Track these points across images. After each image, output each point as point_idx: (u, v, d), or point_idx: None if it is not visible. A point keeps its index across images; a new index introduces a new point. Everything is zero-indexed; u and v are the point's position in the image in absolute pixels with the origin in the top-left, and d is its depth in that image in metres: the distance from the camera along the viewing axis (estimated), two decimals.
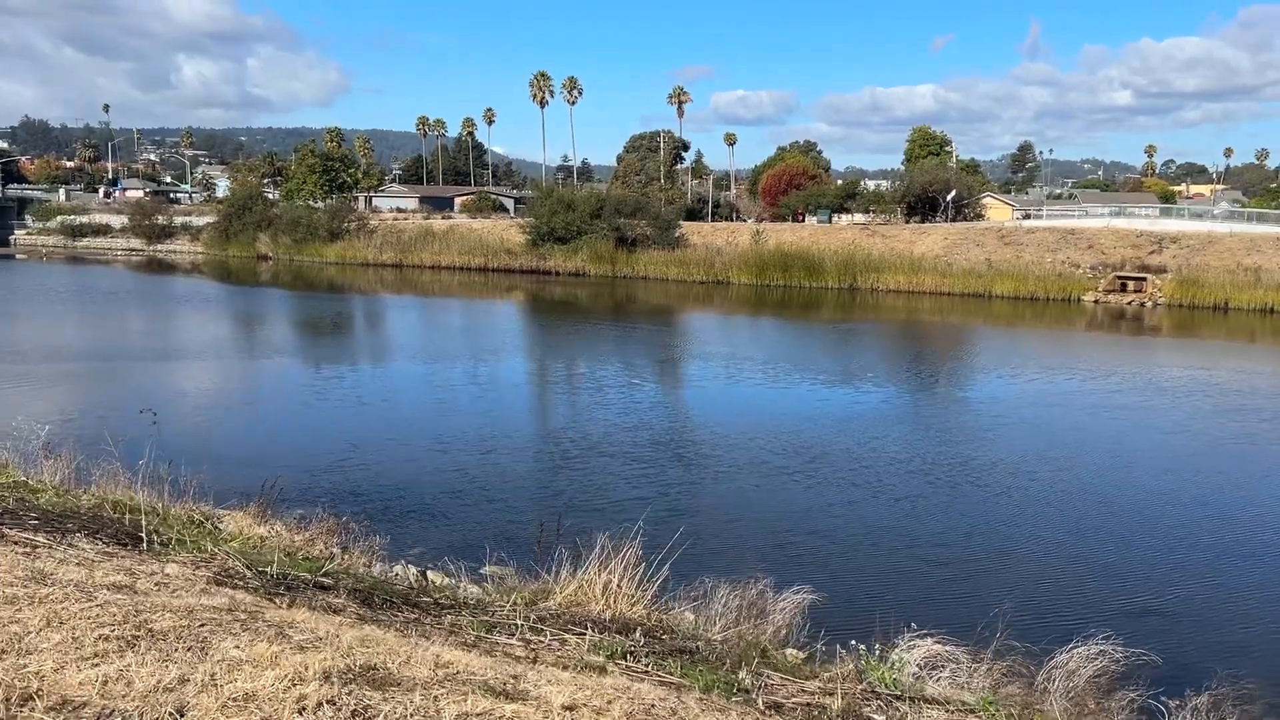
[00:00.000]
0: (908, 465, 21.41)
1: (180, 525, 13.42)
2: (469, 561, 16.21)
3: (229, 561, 9.11)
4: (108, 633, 4.06)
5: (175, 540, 9.83)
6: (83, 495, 15.51)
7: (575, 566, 11.32)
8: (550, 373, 35.08)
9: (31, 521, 10.81)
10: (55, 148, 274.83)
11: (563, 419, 26.37)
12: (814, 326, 57.31)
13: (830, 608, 11.46)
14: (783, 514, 17.40)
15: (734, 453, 22.06)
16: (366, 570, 11.52)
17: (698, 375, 34.63)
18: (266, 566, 9.11)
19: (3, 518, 10.51)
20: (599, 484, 19.33)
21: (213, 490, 16.41)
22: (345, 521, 14.67)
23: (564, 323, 54.28)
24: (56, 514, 11.72)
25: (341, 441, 23.68)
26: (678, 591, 11.06)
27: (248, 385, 32.78)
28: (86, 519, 11.71)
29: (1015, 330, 56.58)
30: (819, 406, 29.13)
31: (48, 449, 17.11)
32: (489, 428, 24.93)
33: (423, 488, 19.36)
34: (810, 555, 14.77)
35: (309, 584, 9.20)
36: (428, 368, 36.46)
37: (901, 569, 14.65)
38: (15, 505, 11.46)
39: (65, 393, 29.62)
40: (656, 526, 16.89)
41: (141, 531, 10.87)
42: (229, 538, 12.96)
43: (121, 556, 8.51)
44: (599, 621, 9.46)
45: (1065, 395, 31.76)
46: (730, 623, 10.57)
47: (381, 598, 9.21)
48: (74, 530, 10.10)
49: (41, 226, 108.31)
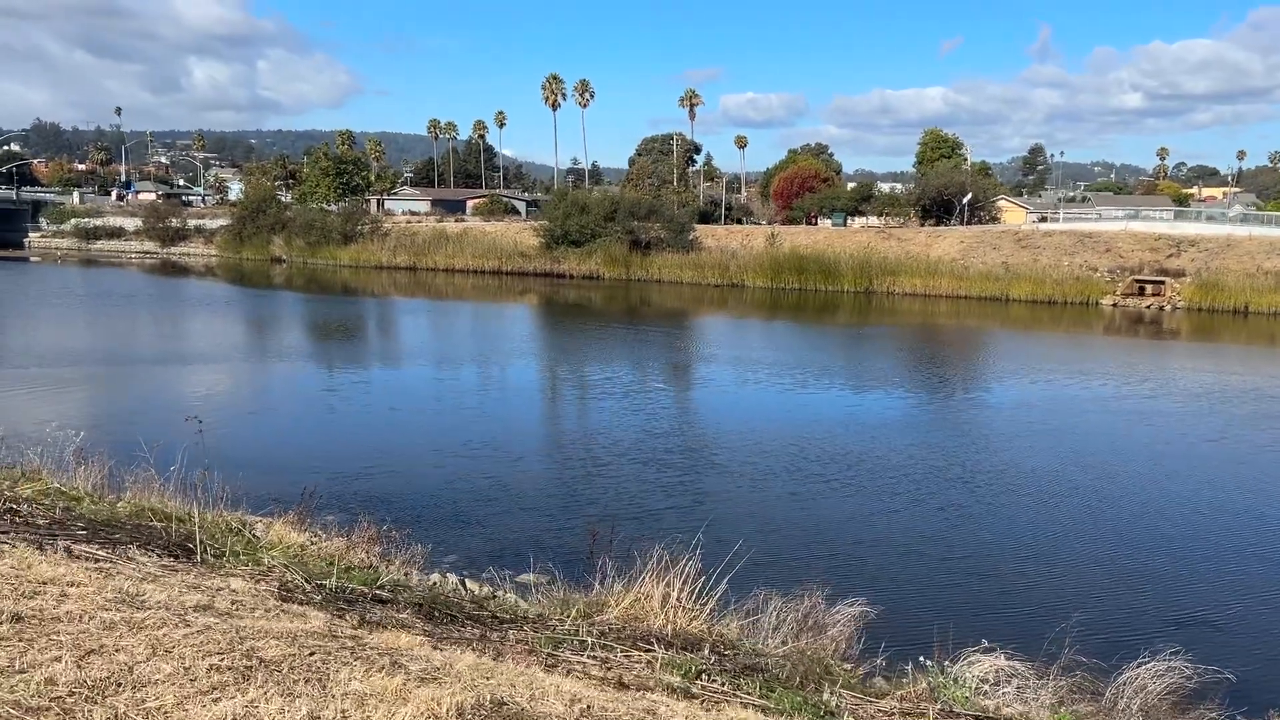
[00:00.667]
0: (945, 472, 21.18)
1: (218, 533, 13.29)
2: (508, 570, 16.06)
3: (287, 575, 8.96)
4: (218, 663, 3.90)
5: (229, 552, 9.66)
6: (119, 503, 15.40)
7: (623, 577, 11.17)
8: (573, 377, 34.87)
9: (79, 532, 10.67)
10: (66, 150, 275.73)
11: (590, 424, 26.17)
12: (834, 330, 57.05)
13: (882, 620, 11.25)
14: (823, 523, 17.20)
15: (767, 459, 21.83)
16: (419, 582, 11.36)
17: (723, 380, 34.36)
18: (325, 580, 8.96)
19: (51, 528, 10.38)
20: (633, 492, 19.14)
21: (243, 496, 16.29)
22: (386, 529, 14.51)
23: (582, 326, 54.11)
24: (102, 523, 11.58)
25: (368, 447, 23.55)
26: (728, 603, 10.86)
27: (272, 389, 32.69)
28: (131, 529, 11.57)
29: (1036, 334, 56.25)
30: (849, 412, 28.91)
31: (80, 455, 17.01)
32: (515, 433, 24.79)
33: (454, 494, 19.19)
34: (856, 566, 14.58)
35: (367, 597, 9.04)
36: (449, 372, 36.33)
37: (950, 580, 14.43)
38: (62, 515, 11.33)
39: (92, 397, 29.57)
40: (698, 536, 16.71)
41: (191, 542, 10.73)
42: (269, 546, 12.81)
43: (181, 570, 8.35)
44: (661, 637, 9.28)
45: (1099, 400, 31.45)
46: (788, 637, 10.39)
47: (441, 612, 9.04)
48: (125, 542, 9.96)
49: (55, 229, 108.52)
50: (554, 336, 50.44)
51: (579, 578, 14.56)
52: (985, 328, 58.84)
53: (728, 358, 40.30)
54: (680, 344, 46.68)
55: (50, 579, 5.32)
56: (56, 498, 14.66)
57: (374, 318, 59.41)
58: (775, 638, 10.25)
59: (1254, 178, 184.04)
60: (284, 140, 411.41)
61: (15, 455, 18.02)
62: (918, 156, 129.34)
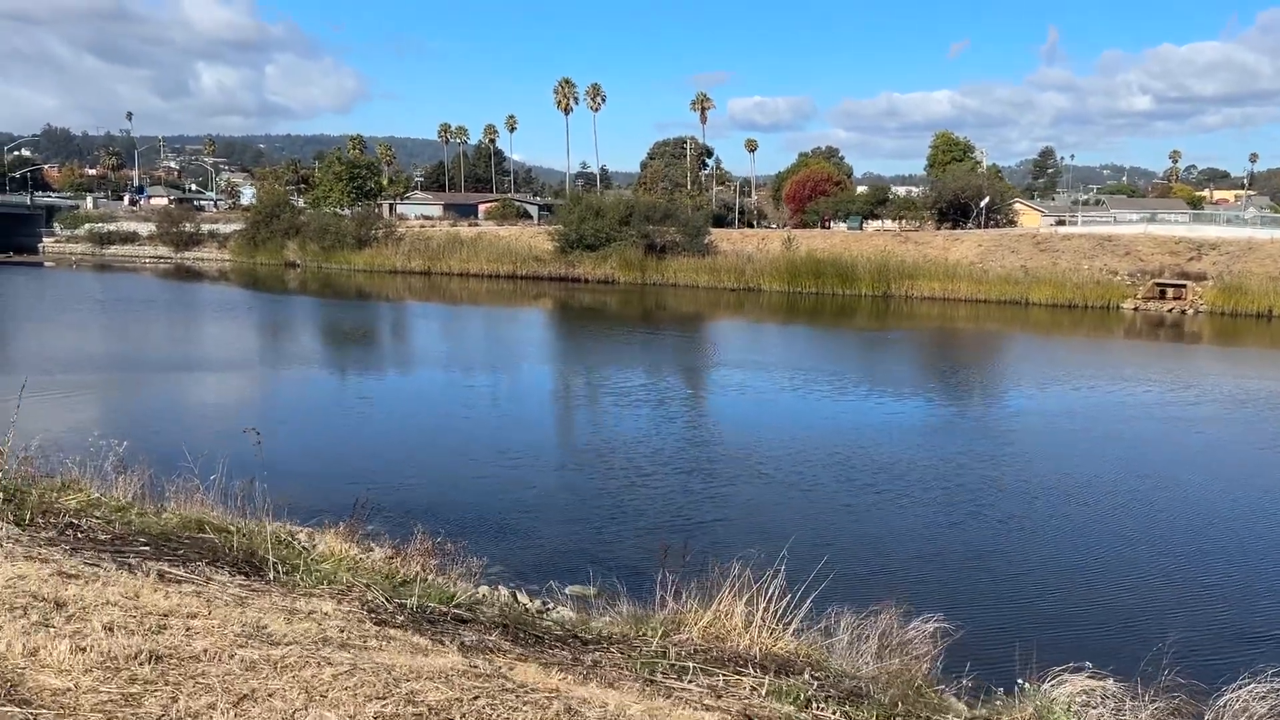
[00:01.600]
0: (999, 482, 20.79)
1: (272, 546, 13.00)
2: (559, 582, 15.78)
3: (368, 594, 8.68)
4: (383, 710, 3.61)
5: (300, 570, 9.38)
6: (163, 513, 15.14)
7: (692, 593, 10.88)
8: (604, 383, 34.48)
9: (142, 547, 10.40)
10: (76, 156, 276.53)
11: (627, 432, 25.78)
12: (859, 335, 56.62)
13: (959, 638, 10.90)
14: (883, 536, 16.86)
15: (814, 469, 21.50)
16: (486, 597, 11.08)
17: (759, 386, 33.91)
18: (405, 599, 8.68)
19: (115, 544, 10.12)
20: (680, 503, 18.82)
21: (284, 506, 16.03)
22: (440, 541, 14.22)
23: (604, 330, 53.82)
24: (159, 537, 11.32)
25: (403, 455, 23.31)
26: (801, 619, 10.53)
27: (301, 397, 32.44)
28: (190, 543, 11.32)
29: (1061, 338, 55.89)
30: (889, 418, 28.55)
31: (121, 464, 16.76)
32: (552, 440, 24.54)
33: (497, 504, 18.91)
34: (922, 580, 14.25)
35: (448, 617, 8.76)
36: (477, 378, 36.11)
37: (1021, 595, 14.11)
38: (121, 529, 11.07)
39: (121, 404, 29.38)
40: (756, 549, 16.41)
41: (254, 558, 10.46)
42: (325, 559, 12.56)
43: (262, 590, 8.07)
44: (750, 658, 8.99)
45: (1143, 407, 31.03)
46: (870, 657, 10.09)
47: (526, 633, 8.76)
48: (194, 558, 9.69)
49: (70, 234, 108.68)
50: (578, 341, 50.17)
51: (638, 593, 14.28)
52: (1008, 332, 58.46)
53: (757, 363, 39.95)
54: (705, 349, 46.38)
55: (167, 610, 5.05)
56: (107, 510, 14.42)
57: (395, 323, 59.29)
58: (858, 658, 9.95)
59: (1267, 180, 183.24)
60: (292, 145, 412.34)
61: (52, 463, 17.84)
62: (929, 160, 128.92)
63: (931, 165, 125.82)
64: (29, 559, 6.22)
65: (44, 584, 5.23)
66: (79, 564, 6.62)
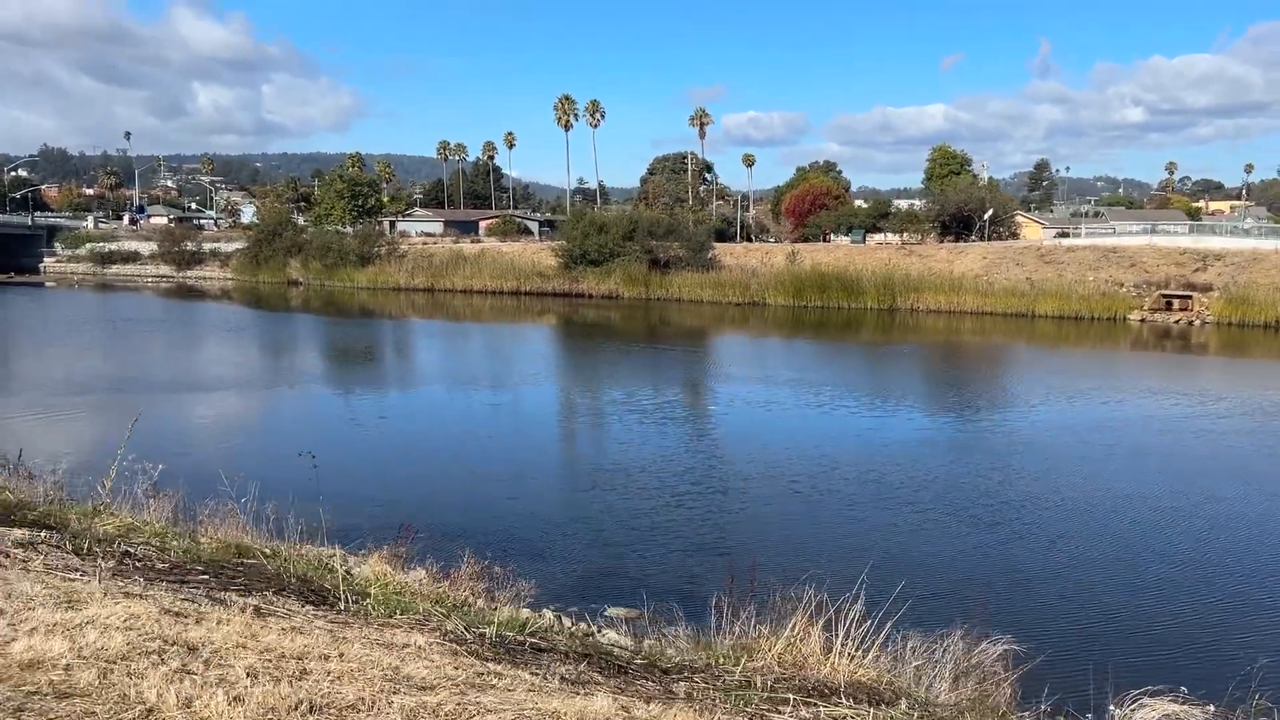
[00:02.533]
0: (1043, 500, 20.47)
1: (311, 570, 12.79)
2: (606, 605, 15.55)
3: (445, 624, 8.47)
4: None
5: (373, 598, 9.15)
6: (200, 539, 14.92)
7: (753, 617, 10.69)
8: (622, 400, 34.10)
9: (200, 575, 10.19)
10: (74, 176, 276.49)
11: (653, 450, 25.45)
12: (871, 348, 56.38)
13: (1031, 661, 10.66)
14: (933, 554, 16.59)
15: (850, 485, 21.25)
16: (552, 624, 10.86)
17: (781, 401, 33.55)
18: (483, 629, 8.47)
19: (174, 573, 9.90)
20: (719, 522, 18.54)
21: (317, 529, 15.81)
22: (488, 565, 14.00)
23: (614, 347, 53.56)
24: (214, 564, 11.10)
25: (432, 475, 23.09)
26: (875, 644, 10.30)
27: (318, 416, 32.20)
28: (248, 571, 11.11)
29: (1072, 351, 55.71)
30: (918, 434, 28.32)
31: (154, 488, 16.53)
32: (579, 459, 24.28)
33: (529, 524, 18.66)
34: (979, 600, 13.93)
35: (525, 646, 8.55)
36: (495, 396, 35.87)
37: (1085, 615, 13.84)
38: (179, 558, 10.85)
39: (141, 424, 29.08)
40: (806, 570, 16.18)
41: (310, 585, 10.25)
42: (367, 584, 12.34)
43: (343, 622, 7.85)
44: (836, 687, 8.78)
45: (1173, 420, 30.77)
46: (948, 682, 9.88)
47: (608, 662, 8.54)
48: (261, 587, 9.48)
49: (71, 254, 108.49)
50: (590, 358, 49.82)
51: (685, 615, 14.06)
52: (1018, 344, 58.31)
53: (775, 378, 39.68)
54: (720, 364, 46.13)
55: (298, 652, 4.85)
56: (147, 535, 14.20)
57: (405, 341, 59.01)
58: (934, 684, 9.74)
59: (1264, 191, 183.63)
60: (289, 163, 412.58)
61: (78, 484, 17.60)
62: (926, 173, 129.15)
63: (930, 178, 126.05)
64: (128, 595, 6.00)
65: (161, 623, 5.02)
66: (179, 601, 6.40)
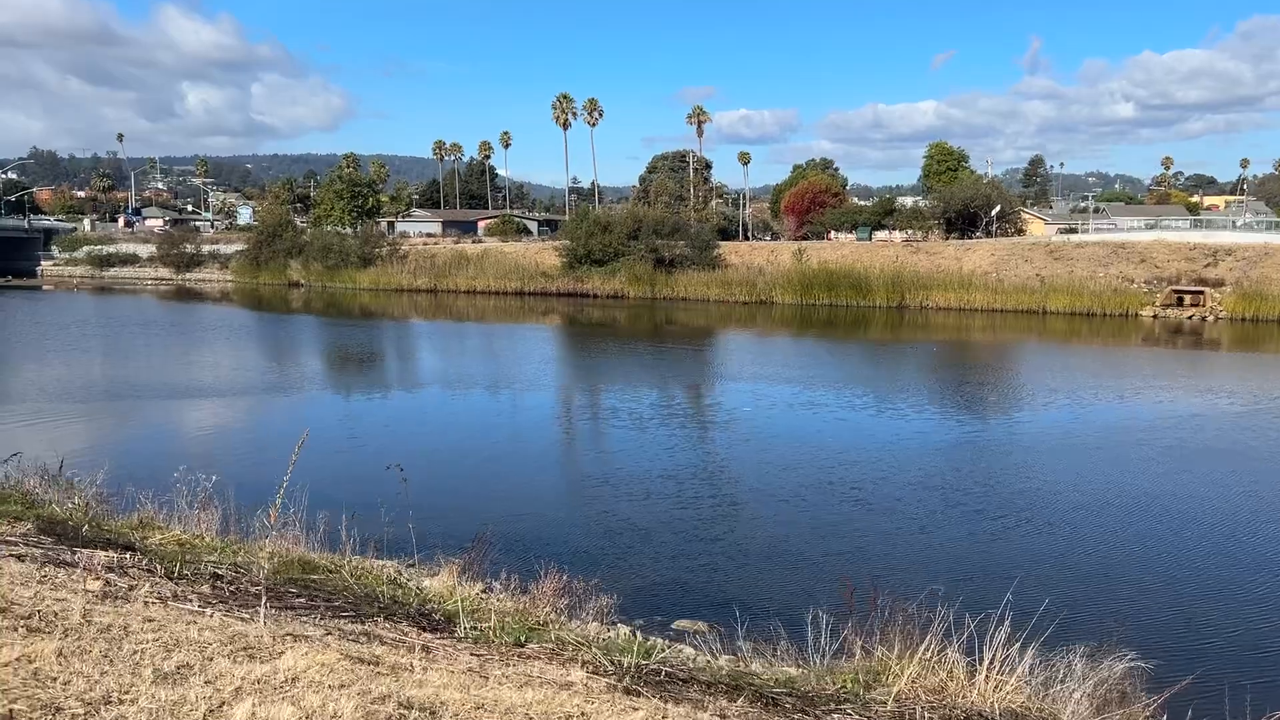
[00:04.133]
0: (1117, 505, 19.95)
1: (381, 585, 12.25)
2: (665, 616, 15.01)
3: (581, 652, 7.93)
4: None
5: (494, 624, 8.61)
6: (260, 553, 14.37)
7: (871, 636, 10.18)
8: (654, 404, 33.19)
9: (296, 599, 9.65)
10: (64, 178, 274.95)
11: (699, 456, 24.67)
12: (893, 348, 55.78)
13: (1162, 679, 10.13)
14: (1021, 566, 15.83)
15: (913, 493, 20.57)
16: (683, 654, 10.31)
17: (824, 403, 32.75)
18: (622, 656, 7.94)
19: (273, 596, 9.33)
20: (780, 534, 17.89)
21: (370, 541, 15.22)
22: (567, 581, 13.42)
23: (628, 348, 52.86)
24: (303, 586, 10.56)
25: (473, 482, 22.54)
26: (1007, 666, 9.75)
27: (352, 422, 31.54)
28: (331, 590, 10.56)
29: (1090, 347, 55.32)
30: (967, 437, 27.77)
31: (209, 499, 15.94)
32: (625, 465, 23.53)
33: (594, 534, 18.11)
34: (1089, 613, 13.43)
35: (661, 676, 8.01)
36: (525, 400, 35.30)
37: (1203, 627, 13.30)
38: (268, 579, 10.27)
39: (170, 431, 28.51)
40: (893, 584, 15.66)
41: (436, 612, 9.71)
42: (429, 597, 11.81)
43: (486, 655, 7.30)
44: (990, 716, 8.28)
45: (1230, 419, 30.31)
46: (1091, 706, 9.37)
47: (751, 691, 8.02)
48: (372, 614, 8.93)
49: (69, 257, 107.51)
50: (607, 359, 48.95)
51: (753, 628, 13.49)
52: (1038, 342, 57.90)
53: (804, 378, 38.97)
54: (744, 366, 45.27)
55: (484, 702, 4.33)
56: (203, 550, 13.65)
57: (417, 343, 58.18)
58: (1078, 708, 9.22)
59: (1261, 185, 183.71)
60: (280, 164, 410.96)
61: (120, 493, 17.00)
62: (923, 169, 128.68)
63: (927, 175, 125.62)
64: (295, 638, 5.46)
65: (363, 676, 4.50)
66: (345, 642, 5.86)
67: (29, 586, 6.68)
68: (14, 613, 5.38)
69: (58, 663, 4.27)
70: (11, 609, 5.51)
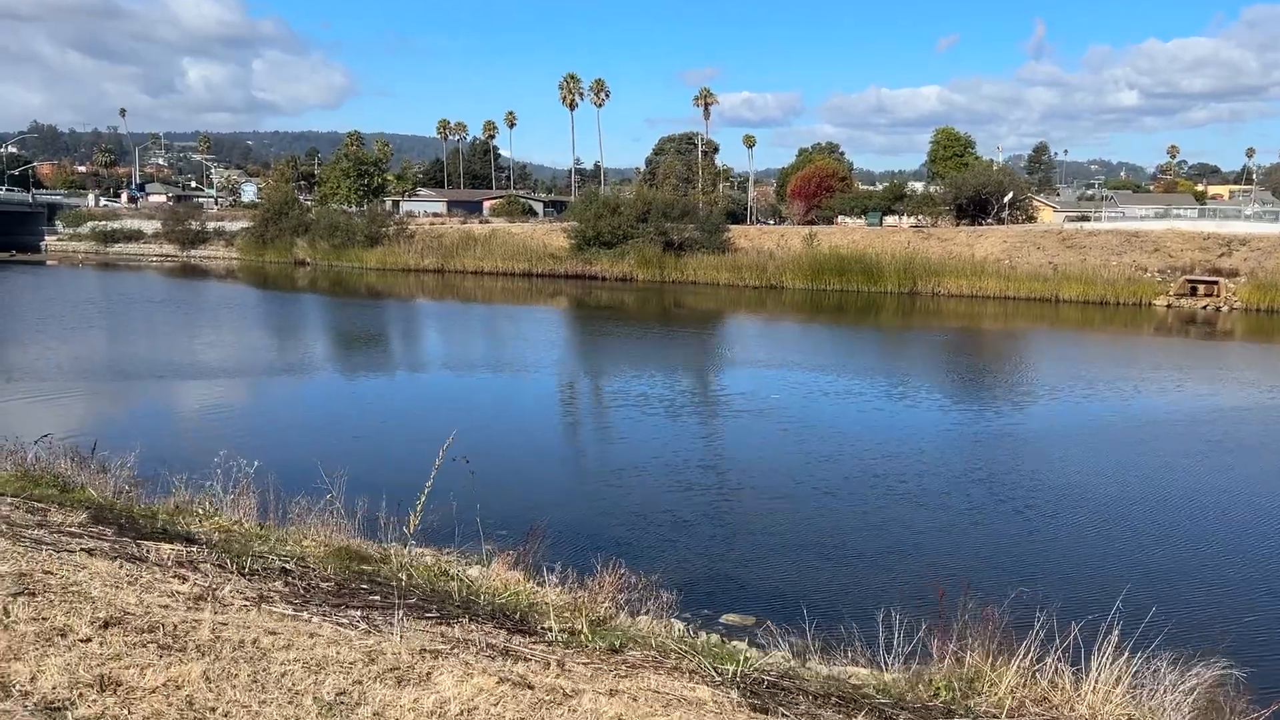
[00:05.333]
0: (1171, 499, 19.66)
1: (441, 579, 11.96)
2: (713, 611, 14.69)
3: (684, 661, 7.60)
4: None
5: (583, 630, 8.27)
6: (304, 540, 14.05)
7: (949, 640, 9.87)
8: (682, 391, 32.51)
9: (371, 596, 9.30)
10: (64, 153, 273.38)
11: (736, 445, 24.14)
12: (913, 335, 55.19)
13: (1262, 687, 9.79)
14: (1089, 566, 15.60)
15: (961, 486, 20.01)
16: (755, 653, 9.99)
17: (858, 390, 32.35)
18: (729, 664, 7.62)
19: (343, 593, 8.99)
20: (827, 527, 17.52)
21: (420, 529, 14.86)
22: (624, 576, 13.06)
23: (646, 332, 52.30)
24: (365, 579, 10.22)
25: (516, 465, 22.19)
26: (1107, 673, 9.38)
27: (368, 402, 31.19)
28: (421, 591, 10.22)
29: (1109, 336, 55.08)
30: (1009, 428, 27.20)
31: (250, 486, 15.59)
32: (662, 453, 23.02)
33: (639, 525, 17.73)
34: (1169, 615, 13.09)
35: (765, 685, 7.68)
36: (553, 382, 35.05)
37: None
38: (337, 576, 9.94)
39: (191, 411, 28.15)
40: (956, 584, 15.31)
41: (514, 613, 9.38)
42: (490, 591, 11.50)
43: (597, 665, 6.97)
44: None
45: (1266, 411, 30.05)
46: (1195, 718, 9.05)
47: (854, 704, 7.70)
48: (456, 615, 8.59)
49: (73, 232, 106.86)
50: (628, 343, 48.07)
51: (793, 622, 13.11)
52: (1059, 330, 57.52)
53: (831, 366, 38.39)
54: (765, 351, 44.69)
55: None
56: (272, 543, 13.33)
57: (435, 325, 57.54)
58: None
59: (1267, 175, 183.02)
60: (281, 141, 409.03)
61: (160, 481, 16.64)
62: (930, 155, 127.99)
63: (933, 160, 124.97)
64: (435, 655, 5.12)
65: (521, 701, 4.18)
66: (482, 658, 5.53)
67: (125, 589, 6.35)
68: (132, 624, 5.05)
69: (209, 689, 3.94)
70: (127, 619, 5.18)
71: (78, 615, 4.91)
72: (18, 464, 16.75)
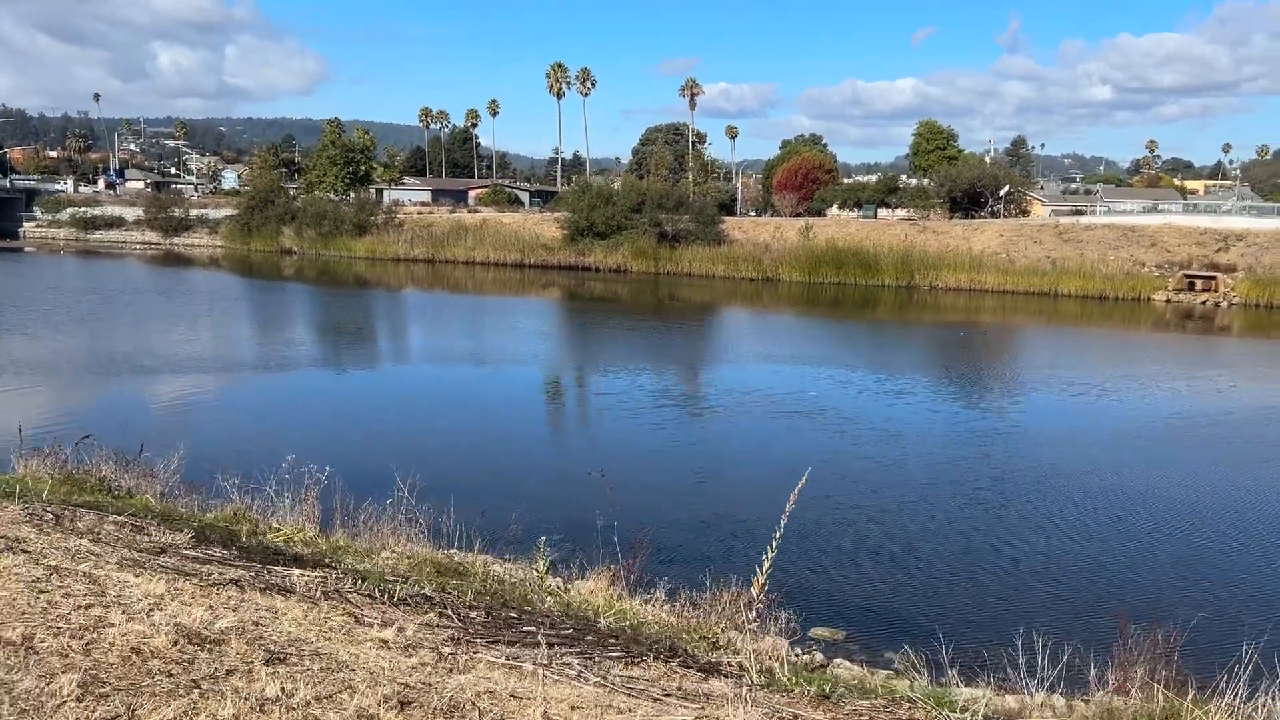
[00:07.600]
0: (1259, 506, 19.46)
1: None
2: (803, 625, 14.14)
3: (904, 710, 7.01)
4: None
5: (777, 671, 7.67)
6: (382, 551, 13.36)
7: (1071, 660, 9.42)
8: (721, 389, 32.09)
9: (527, 628, 8.64)
10: (34, 137, 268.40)
11: (800, 452, 23.79)
12: (927, 330, 54.92)
13: None
14: (1170, 577, 15.22)
15: (1034, 491, 19.64)
16: (881, 678, 9.42)
17: (914, 391, 32.15)
18: (869, 697, 7.04)
19: (533, 635, 8.33)
20: (909, 537, 17.04)
21: (475, 539, 14.21)
22: (735, 594, 12.43)
23: (653, 325, 51.66)
24: (486, 598, 9.56)
25: (556, 475, 21.51)
26: None
27: (409, 398, 30.31)
28: (538, 617, 9.58)
29: (1112, 332, 54.95)
30: (1062, 427, 26.94)
31: (293, 494, 14.79)
32: (734, 458, 22.47)
33: (708, 534, 17.17)
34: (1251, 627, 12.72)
35: None
36: (579, 381, 34.26)
37: None
38: (437, 593, 9.28)
39: (211, 410, 27.24)
40: (1058, 599, 14.84)
41: (631, 639, 8.79)
42: (596, 612, 10.90)
43: (808, 716, 6.38)
44: None
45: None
46: None
47: None
48: (642, 655, 7.95)
49: (52, 219, 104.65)
50: (638, 338, 47.30)
51: (885, 637, 12.58)
52: (1063, 326, 57.40)
53: (865, 363, 38.11)
54: (791, 348, 43.88)
55: None
56: (323, 548, 12.65)
57: (432, 316, 56.38)
58: None
59: (1247, 170, 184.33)
60: (254, 128, 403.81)
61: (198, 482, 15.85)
62: (912, 148, 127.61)
63: (915, 154, 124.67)
64: (610, 687, 4.50)
65: None
66: (611, 686, 4.92)
67: (338, 640, 5.67)
68: (381, 692, 4.37)
69: None
70: (377, 687, 4.49)
71: (361, 694, 4.25)
72: (59, 465, 15.94)
